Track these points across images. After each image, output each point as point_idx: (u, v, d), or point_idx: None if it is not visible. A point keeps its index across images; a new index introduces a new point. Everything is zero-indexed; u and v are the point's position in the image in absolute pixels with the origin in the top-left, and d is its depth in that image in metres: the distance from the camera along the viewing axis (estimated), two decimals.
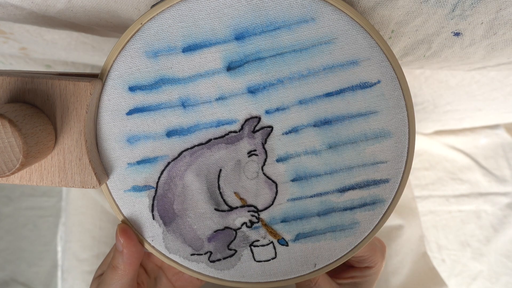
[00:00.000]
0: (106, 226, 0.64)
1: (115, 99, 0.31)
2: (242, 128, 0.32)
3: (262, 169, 0.32)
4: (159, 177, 0.33)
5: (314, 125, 0.32)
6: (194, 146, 0.32)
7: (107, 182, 0.33)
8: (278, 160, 0.32)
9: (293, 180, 0.33)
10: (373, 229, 0.33)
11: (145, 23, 0.30)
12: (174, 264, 0.34)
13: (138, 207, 0.33)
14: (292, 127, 0.32)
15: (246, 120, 0.32)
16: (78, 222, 0.65)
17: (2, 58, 0.61)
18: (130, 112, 0.32)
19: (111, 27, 0.40)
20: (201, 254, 0.34)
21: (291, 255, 0.34)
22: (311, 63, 0.31)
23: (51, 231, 0.98)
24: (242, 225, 0.33)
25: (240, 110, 0.31)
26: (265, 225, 0.33)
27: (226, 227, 0.33)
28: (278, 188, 0.33)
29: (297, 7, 0.30)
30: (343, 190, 0.33)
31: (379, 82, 0.31)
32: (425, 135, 0.86)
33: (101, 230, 0.64)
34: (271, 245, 0.34)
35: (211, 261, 0.34)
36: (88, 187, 0.31)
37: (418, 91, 0.64)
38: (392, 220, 0.65)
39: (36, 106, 0.29)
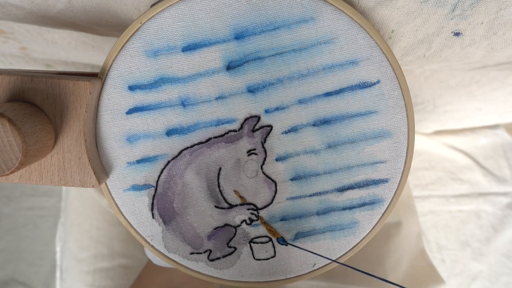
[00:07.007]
0: (103, 226, 0.64)
1: (114, 98, 0.31)
2: (241, 127, 0.32)
3: (262, 168, 0.32)
4: (159, 176, 0.33)
5: (314, 125, 0.32)
6: (194, 145, 0.32)
7: (107, 182, 0.33)
8: (277, 159, 0.32)
9: (292, 179, 0.33)
10: (372, 229, 0.33)
11: (144, 22, 0.30)
12: (173, 263, 0.34)
13: (138, 206, 0.33)
14: (291, 126, 0.32)
15: (245, 119, 0.32)
16: (76, 223, 0.65)
17: (2, 58, 0.61)
18: (130, 111, 0.32)
19: (111, 27, 0.40)
20: (201, 253, 0.34)
21: (290, 254, 0.34)
22: (311, 63, 0.31)
23: (51, 231, 0.98)
24: (241, 222, 0.33)
25: (240, 109, 0.31)
26: (264, 223, 0.33)
27: (226, 224, 0.33)
28: (278, 187, 0.33)
29: (297, 7, 0.30)
30: (342, 189, 0.33)
31: (378, 82, 0.31)
32: (425, 135, 0.86)
33: (98, 231, 0.64)
34: (270, 243, 0.34)
35: (210, 260, 0.34)
36: (88, 186, 0.31)
37: (418, 91, 0.64)
38: (390, 218, 0.65)
39: (35, 105, 0.29)
